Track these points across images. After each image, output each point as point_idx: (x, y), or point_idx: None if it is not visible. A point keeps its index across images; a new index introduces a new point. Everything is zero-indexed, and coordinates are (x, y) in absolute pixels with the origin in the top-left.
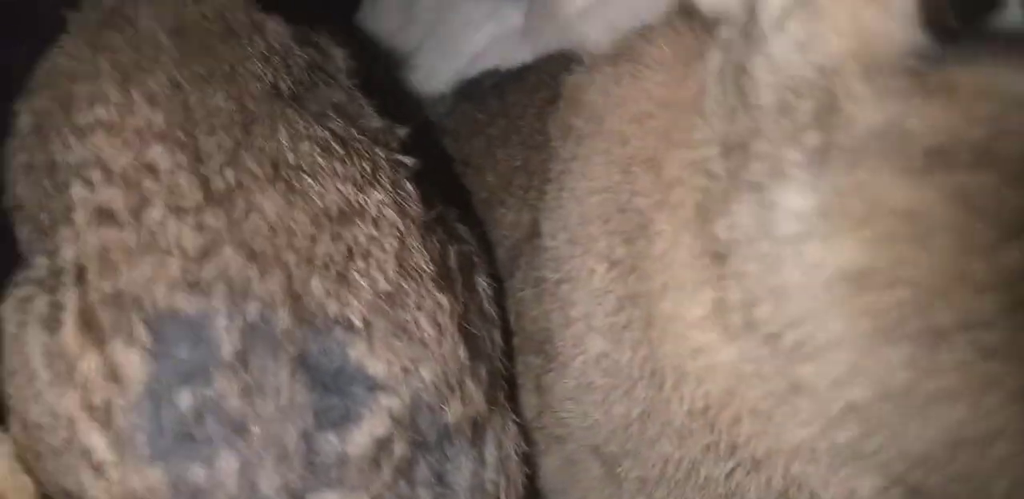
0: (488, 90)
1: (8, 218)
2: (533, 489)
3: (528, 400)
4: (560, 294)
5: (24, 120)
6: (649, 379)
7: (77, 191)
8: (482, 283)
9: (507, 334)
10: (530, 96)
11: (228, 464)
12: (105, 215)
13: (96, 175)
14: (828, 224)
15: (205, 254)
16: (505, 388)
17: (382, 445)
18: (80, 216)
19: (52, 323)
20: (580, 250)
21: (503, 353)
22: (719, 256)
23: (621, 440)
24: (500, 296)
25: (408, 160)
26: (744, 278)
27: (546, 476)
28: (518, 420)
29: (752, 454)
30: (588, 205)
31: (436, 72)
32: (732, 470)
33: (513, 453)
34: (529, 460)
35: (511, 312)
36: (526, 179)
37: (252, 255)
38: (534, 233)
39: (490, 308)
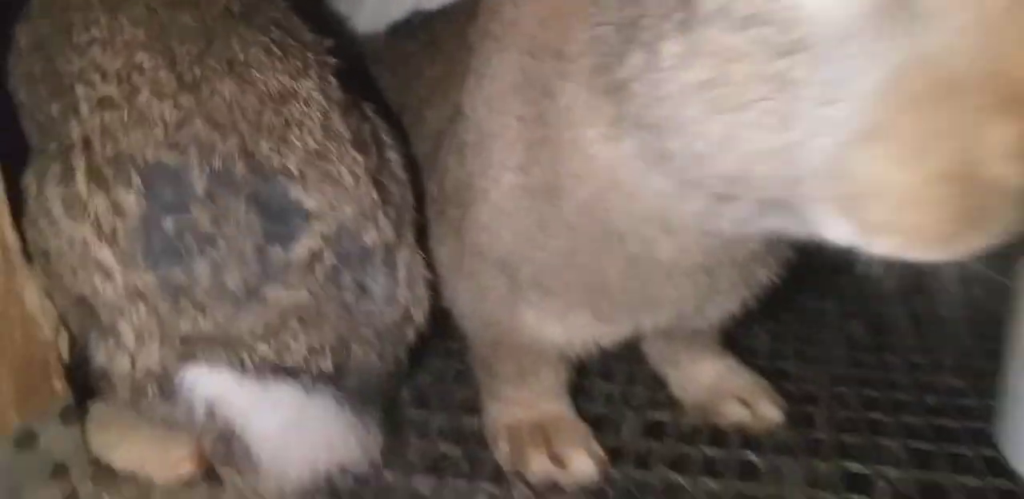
0: (417, 26)
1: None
2: (443, 314)
3: (450, 248)
4: (481, 150)
5: (24, 40)
6: (549, 192)
7: (81, 91)
8: (392, 156)
9: (422, 203)
10: (453, 23)
11: (202, 268)
12: (105, 102)
13: (96, 77)
14: (692, 57)
15: (181, 125)
16: (414, 233)
17: (315, 256)
18: (84, 107)
19: (66, 179)
20: (497, 114)
21: (414, 208)
22: (617, 89)
23: (523, 249)
24: (416, 178)
25: (331, 60)
26: (636, 96)
27: (459, 303)
28: (425, 257)
29: (616, 229)
30: (504, 81)
31: (381, 12)
32: (599, 247)
33: (420, 278)
34: (436, 289)
35: (435, 187)
36: (448, 84)
37: (215, 125)
38: (455, 117)
39: (401, 173)
